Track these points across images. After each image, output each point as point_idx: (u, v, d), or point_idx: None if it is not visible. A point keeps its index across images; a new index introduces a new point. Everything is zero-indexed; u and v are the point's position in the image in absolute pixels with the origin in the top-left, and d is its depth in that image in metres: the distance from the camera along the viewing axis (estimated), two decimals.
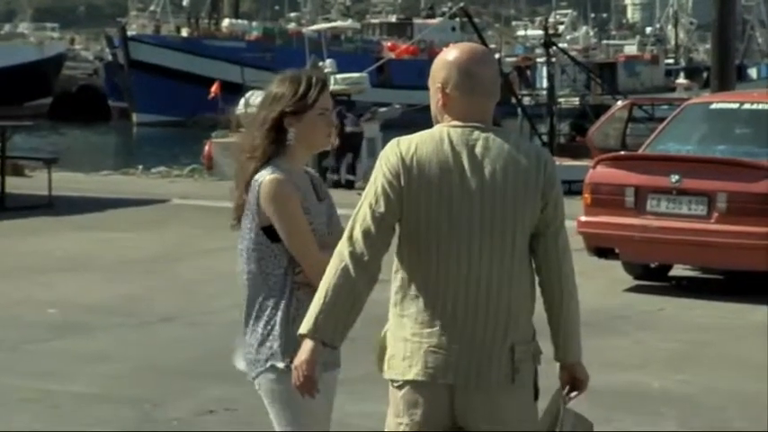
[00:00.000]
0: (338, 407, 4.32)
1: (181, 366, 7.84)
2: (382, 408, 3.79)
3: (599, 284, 10.53)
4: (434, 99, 3.64)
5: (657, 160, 10.57)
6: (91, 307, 9.75)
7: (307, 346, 3.59)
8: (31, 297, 10.15)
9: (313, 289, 3.72)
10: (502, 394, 3.57)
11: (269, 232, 4.07)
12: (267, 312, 4.08)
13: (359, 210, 3.60)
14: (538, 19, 79.37)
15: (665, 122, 11.73)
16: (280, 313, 4.05)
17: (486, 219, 3.55)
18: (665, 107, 17.93)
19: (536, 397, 3.65)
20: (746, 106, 11.20)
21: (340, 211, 4.25)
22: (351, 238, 3.58)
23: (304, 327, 3.60)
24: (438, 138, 3.58)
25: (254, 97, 26.30)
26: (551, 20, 63.09)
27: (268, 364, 4.08)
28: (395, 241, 3.66)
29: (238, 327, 4.22)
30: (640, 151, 11.23)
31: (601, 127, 17.01)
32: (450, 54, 3.64)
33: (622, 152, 12.74)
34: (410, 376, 3.57)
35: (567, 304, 3.65)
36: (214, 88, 27.75)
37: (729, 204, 9.88)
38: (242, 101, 26.80)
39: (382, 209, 3.56)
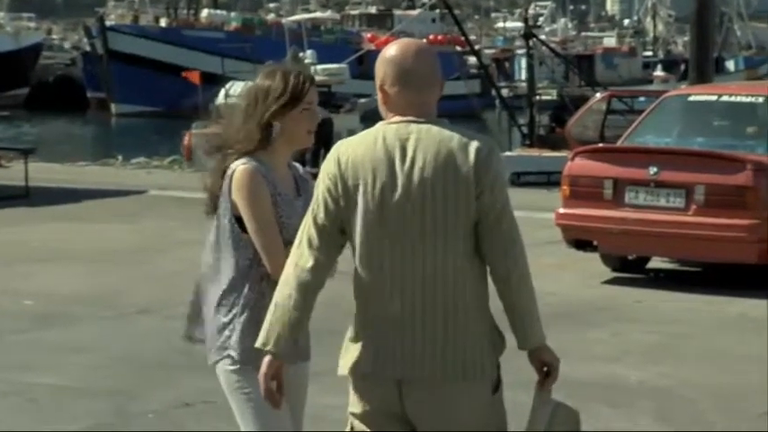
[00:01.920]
0: (314, 400, 4.31)
1: (158, 358, 7.81)
2: None
3: (577, 277, 10.55)
4: (378, 97, 3.69)
5: (636, 152, 10.58)
6: (68, 298, 9.71)
7: (265, 359, 3.70)
8: (8, 288, 10.10)
9: (276, 282, 3.76)
10: (450, 388, 3.57)
11: (240, 222, 4.09)
12: (230, 301, 4.10)
13: (306, 217, 3.68)
14: (517, 11, 79.42)
15: (643, 114, 11.74)
16: (242, 304, 4.08)
17: (419, 213, 3.55)
18: (643, 99, 17.97)
19: (496, 389, 3.63)
20: (724, 98, 11.22)
21: None
22: (298, 246, 3.67)
23: (259, 339, 3.71)
24: (373, 137, 3.61)
25: (234, 88, 26.31)
26: (531, 11, 63.11)
27: (225, 353, 4.11)
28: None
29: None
30: (619, 143, 11.25)
31: (579, 119, 17.03)
32: (387, 51, 3.68)
33: (600, 144, 12.75)
34: (359, 372, 3.63)
35: (516, 289, 3.59)
36: (191, 74, 27.64)
37: (707, 197, 9.90)
38: (222, 91, 26.80)
39: (323, 216, 3.63)
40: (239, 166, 4.07)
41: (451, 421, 3.58)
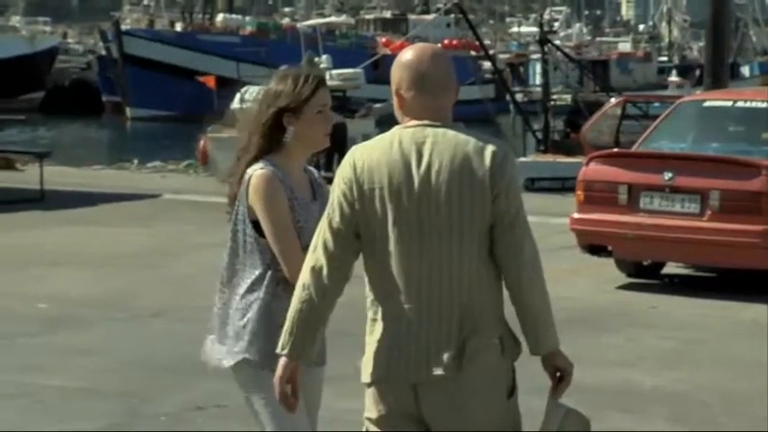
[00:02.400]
0: (328, 403, 4.30)
1: (171, 361, 7.81)
2: None
3: (591, 282, 10.52)
4: (394, 101, 3.71)
5: (650, 158, 10.55)
6: (81, 301, 9.72)
7: (280, 362, 3.73)
8: (22, 291, 10.11)
9: (293, 286, 3.76)
10: (465, 392, 3.56)
11: (257, 227, 4.09)
12: (247, 305, 4.11)
13: (321, 222, 3.69)
14: (532, 16, 79.35)
15: (658, 120, 11.71)
16: (259, 309, 4.08)
17: (435, 216, 3.56)
18: (658, 105, 17.92)
19: (511, 394, 3.62)
20: (739, 104, 11.19)
21: None
22: (313, 251, 3.68)
23: (279, 344, 3.72)
24: (389, 141, 3.63)
25: (249, 93, 26.28)
26: (546, 16, 63.11)
27: (243, 357, 4.11)
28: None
29: None
30: (633, 148, 11.22)
31: (594, 124, 16.99)
32: (403, 56, 3.70)
33: (615, 149, 12.72)
34: (375, 377, 3.63)
35: (528, 293, 3.59)
36: (206, 79, 27.68)
37: (722, 202, 9.87)
38: (237, 96, 26.78)
39: (338, 221, 3.64)
40: (256, 171, 4.07)
41: (465, 424, 3.57)
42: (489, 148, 3.59)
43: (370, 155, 3.63)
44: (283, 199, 4.06)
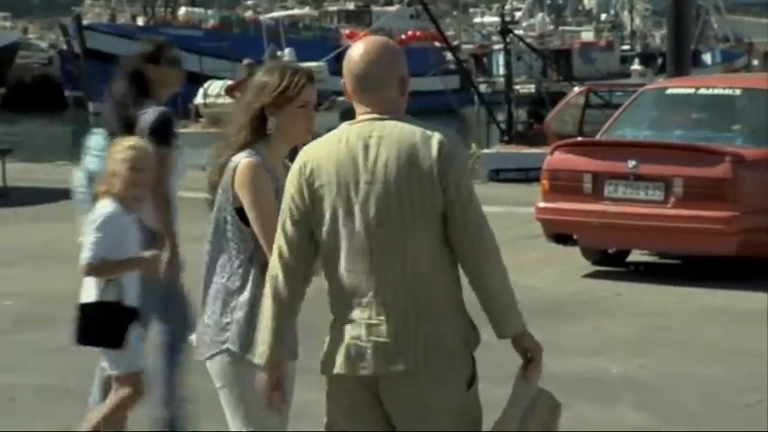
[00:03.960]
0: (296, 395, 4.31)
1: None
2: None
3: (557, 271, 10.57)
4: (344, 94, 3.76)
5: (614, 146, 10.61)
6: (48, 298, 9.67)
7: (261, 373, 3.79)
8: None
9: None
10: (425, 383, 3.58)
11: (242, 215, 4.10)
12: (230, 295, 4.10)
13: (278, 228, 3.73)
14: (495, 6, 79.53)
15: (621, 108, 11.78)
16: (242, 298, 4.07)
17: (385, 210, 3.57)
18: (621, 93, 18.01)
19: (470, 384, 3.63)
20: (702, 91, 11.27)
21: None
22: (272, 258, 3.74)
23: (256, 356, 3.81)
24: (336, 138, 3.66)
25: (213, 87, 26.26)
26: (508, 6, 63.20)
27: (224, 347, 4.10)
28: None
29: (195, 317, 4.23)
30: (597, 137, 11.28)
31: (558, 113, 17.07)
32: (348, 52, 3.73)
33: (579, 138, 12.78)
34: (338, 371, 3.65)
35: (488, 278, 3.59)
36: None
37: (686, 189, 9.94)
38: (200, 90, 26.72)
39: (290, 225, 3.68)
40: (243, 160, 4.10)
41: (427, 416, 3.59)
42: (436, 138, 3.58)
43: (317, 153, 3.66)
44: (270, 187, 4.08)
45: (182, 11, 61.76)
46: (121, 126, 5.77)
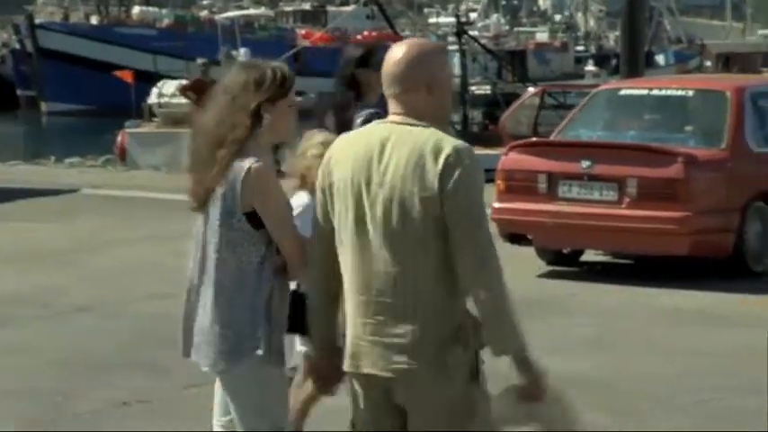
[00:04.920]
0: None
1: (94, 358, 7.77)
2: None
3: (512, 271, 10.47)
4: None
5: (569, 146, 10.67)
6: (2, 299, 9.61)
7: (309, 364, 4.10)
8: None
9: (287, 275, 3.99)
10: (421, 383, 3.64)
11: (252, 219, 4.03)
12: (247, 300, 4.02)
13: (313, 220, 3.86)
14: (450, 6, 79.71)
15: (575, 109, 11.84)
16: (262, 301, 4.02)
17: (387, 214, 3.63)
18: (575, 94, 18.11)
19: (472, 380, 3.68)
20: (655, 92, 11.35)
21: None
22: (311, 250, 3.89)
23: (311, 348, 4.02)
24: (360, 137, 3.77)
25: (167, 87, 26.13)
26: (463, 7, 63.35)
27: (251, 352, 4.02)
28: None
29: (154, 318, 4.21)
30: (552, 137, 11.34)
31: (512, 114, 17.14)
32: (387, 54, 3.77)
33: (534, 139, 12.84)
34: (345, 368, 3.77)
35: (476, 295, 3.63)
36: (123, 74, 27.41)
37: (639, 189, 10.01)
38: (154, 90, 26.60)
39: (319, 216, 3.81)
40: (254, 165, 4.01)
41: (428, 412, 3.66)
42: (445, 150, 3.61)
43: (343, 148, 3.77)
44: (283, 190, 4.11)
45: (136, 10, 61.39)
46: (338, 129, 5.84)
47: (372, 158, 3.67)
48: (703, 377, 7.26)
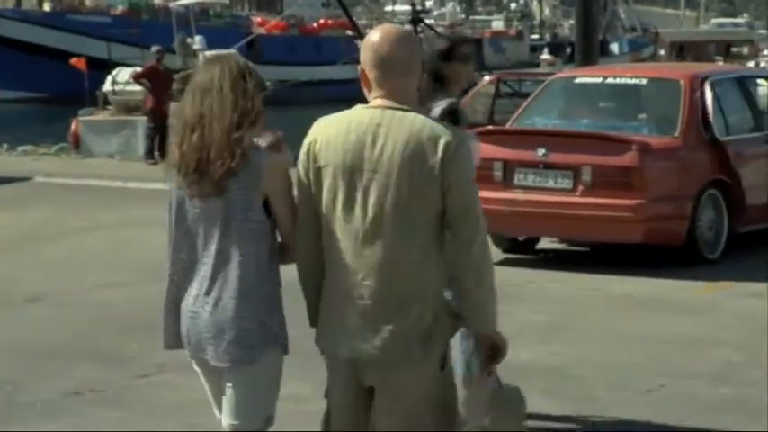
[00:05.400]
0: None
1: (46, 347, 7.70)
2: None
3: None
4: (361, 79, 3.80)
5: (524, 134, 10.70)
6: None
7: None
8: None
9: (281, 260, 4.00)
10: (398, 368, 3.70)
11: (267, 207, 3.96)
12: (264, 291, 3.95)
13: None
14: None
15: (531, 97, 11.87)
16: (277, 292, 3.98)
17: (382, 201, 3.65)
18: (531, 82, 18.13)
19: (442, 367, 3.75)
20: (609, 80, 11.39)
21: None
22: (294, 234, 3.89)
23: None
24: (347, 120, 3.72)
25: (121, 75, 25.92)
26: None
27: (273, 344, 3.96)
28: None
29: (107, 308, 4.16)
30: (507, 126, 11.35)
31: (468, 102, 17.11)
32: (370, 37, 3.77)
33: (490, 127, 12.85)
34: (319, 345, 3.86)
35: (475, 279, 3.72)
36: (79, 61, 27.16)
37: (594, 178, 10.05)
38: (109, 78, 26.37)
39: (302, 200, 3.81)
40: (272, 155, 3.95)
41: (397, 399, 3.72)
42: (443, 138, 3.64)
43: (327, 132, 3.73)
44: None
45: None
46: None
47: (365, 144, 3.66)
48: (657, 364, 7.30)
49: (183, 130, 3.96)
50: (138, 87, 22.46)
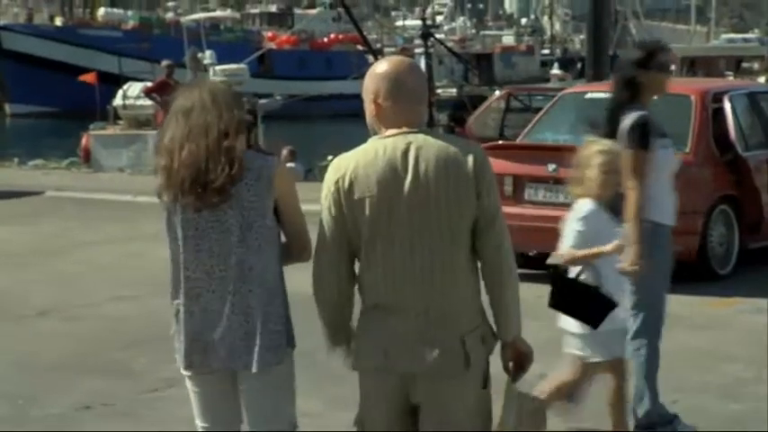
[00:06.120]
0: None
1: (57, 361, 7.71)
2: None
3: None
4: (368, 110, 3.93)
5: (534, 149, 10.69)
6: None
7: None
8: None
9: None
10: (448, 381, 3.82)
11: (275, 213, 4.12)
12: (280, 296, 4.09)
13: (319, 233, 3.93)
14: (417, 9, 79.77)
15: (541, 112, 11.86)
16: (284, 296, 4.11)
17: (426, 217, 3.80)
18: (541, 97, 18.14)
19: (485, 384, 3.90)
20: None
21: None
22: (314, 262, 3.96)
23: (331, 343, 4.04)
24: (373, 151, 3.85)
25: (132, 89, 25.99)
26: (429, 10, 63.45)
27: (289, 348, 4.11)
28: None
29: (117, 321, 4.17)
30: (518, 141, 11.35)
31: (479, 117, 17.14)
32: (379, 67, 3.95)
33: (500, 141, 12.86)
34: (370, 365, 3.89)
35: (506, 284, 3.91)
36: (88, 77, 27.25)
37: None
38: (120, 92, 26.44)
39: (328, 233, 3.89)
40: (281, 164, 4.19)
41: (446, 412, 3.83)
42: (471, 151, 3.87)
43: (355, 166, 3.84)
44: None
45: (101, 11, 61.08)
46: (610, 130, 6.01)
47: (397, 167, 3.80)
48: (668, 379, 7.26)
49: (170, 151, 4.06)
50: (148, 102, 22.54)
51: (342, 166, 3.87)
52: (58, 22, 58.35)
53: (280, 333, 4.04)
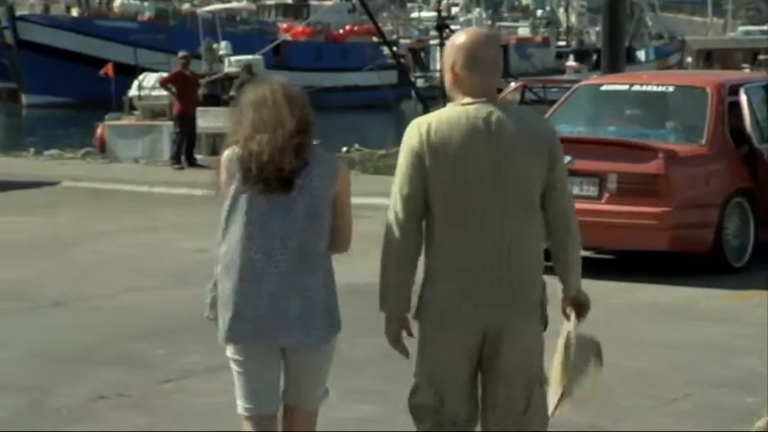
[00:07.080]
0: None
1: (72, 352, 7.73)
2: None
3: None
4: (447, 78, 4.22)
5: None
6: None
7: (389, 323, 4.23)
8: None
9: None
10: (524, 332, 4.22)
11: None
12: (332, 282, 4.40)
13: (393, 192, 4.13)
14: (432, 1, 79.61)
15: (556, 104, 11.84)
16: (332, 283, 4.40)
17: (508, 180, 4.07)
18: (556, 89, 18.11)
19: (545, 327, 4.32)
20: (636, 88, 11.36)
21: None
22: (387, 222, 4.15)
23: (385, 307, 4.22)
24: (456, 116, 4.10)
25: (147, 80, 26.02)
26: (445, 2, 63.33)
27: (337, 328, 4.42)
28: None
29: (133, 312, 4.20)
30: None
31: None
32: (458, 38, 4.22)
33: None
34: (443, 318, 4.12)
35: (573, 251, 4.30)
36: (108, 70, 27.30)
37: (620, 185, 10.03)
38: (135, 83, 26.48)
39: (407, 191, 4.09)
40: (338, 156, 4.61)
41: (528, 357, 4.24)
42: (546, 123, 4.29)
43: (438, 127, 4.08)
44: None
45: (117, 2, 61.07)
46: None
47: (481, 133, 4.04)
48: (682, 372, 7.28)
49: (249, 131, 4.31)
50: (163, 92, 22.54)
51: (423, 127, 4.08)
52: (75, 12, 58.38)
53: (331, 315, 4.36)
